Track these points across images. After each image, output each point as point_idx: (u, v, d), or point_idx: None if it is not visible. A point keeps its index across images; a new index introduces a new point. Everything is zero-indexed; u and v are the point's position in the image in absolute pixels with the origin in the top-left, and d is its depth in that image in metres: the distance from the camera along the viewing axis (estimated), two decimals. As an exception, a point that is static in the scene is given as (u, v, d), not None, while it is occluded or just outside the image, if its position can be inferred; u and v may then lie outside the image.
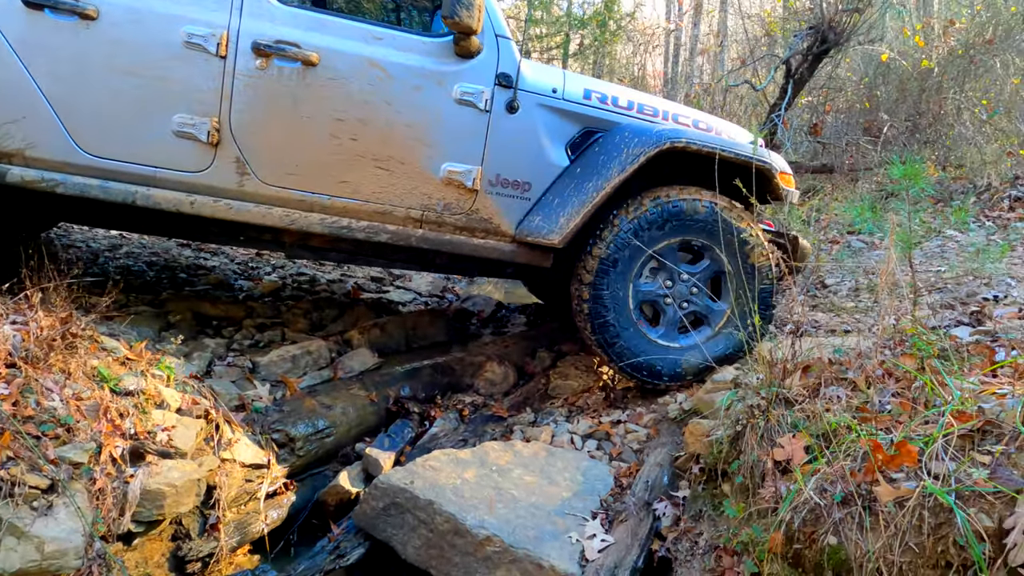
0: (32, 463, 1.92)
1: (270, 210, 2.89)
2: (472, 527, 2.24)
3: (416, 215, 3.02)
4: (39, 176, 2.65)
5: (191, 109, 2.73)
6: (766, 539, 1.67)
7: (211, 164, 2.79)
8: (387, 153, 2.92)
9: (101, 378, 2.40)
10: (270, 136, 2.82)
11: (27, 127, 2.60)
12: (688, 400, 3.14)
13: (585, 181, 2.99)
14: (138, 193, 2.75)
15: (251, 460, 2.68)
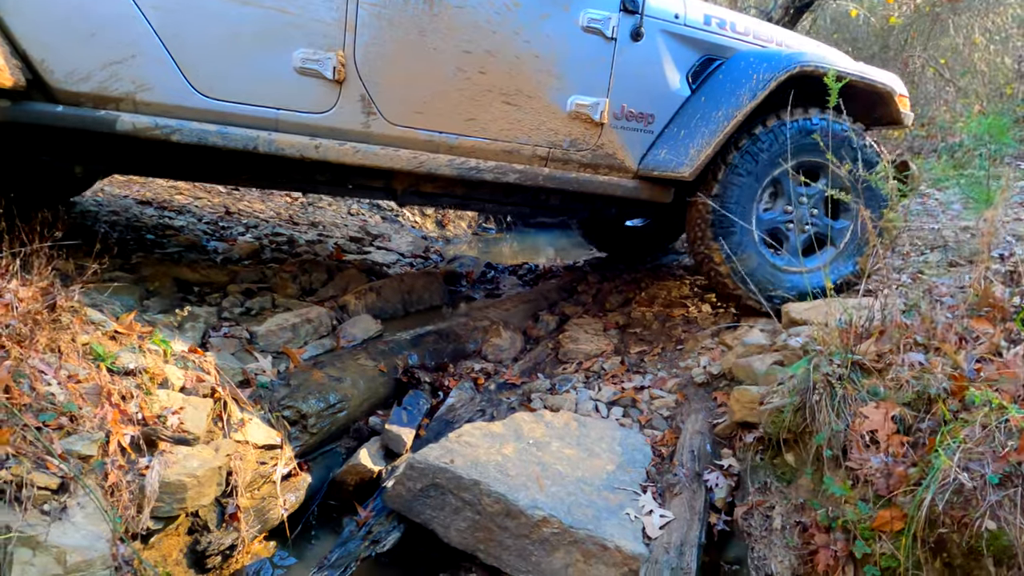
0: (38, 459, 1.64)
1: (397, 152, 2.70)
2: (526, 508, 2.09)
3: (542, 153, 2.88)
4: (152, 123, 2.37)
5: (314, 43, 2.49)
6: (871, 517, 1.59)
7: (335, 104, 2.57)
8: (515, 87, 2.77)
9: (95, 356, 2.11)
10: (396, 71, 2.62)
11: (137, 67, 2.30)
12: (713, 364, 3.05)
13: (713, 110, 2.88)
14: (260, 138, 2.50)
15: (263, 441, 2.44)
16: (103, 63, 2.27)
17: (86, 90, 2.28)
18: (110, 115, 2.33)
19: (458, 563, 2.35)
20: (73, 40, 2.23)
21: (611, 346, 3.54)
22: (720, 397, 2.82)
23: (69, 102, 2.30)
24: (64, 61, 2.24)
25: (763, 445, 2.23)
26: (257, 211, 5.17)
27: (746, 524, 1.99)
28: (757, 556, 1.88)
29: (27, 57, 2.20)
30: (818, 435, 1.87)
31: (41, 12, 2.20)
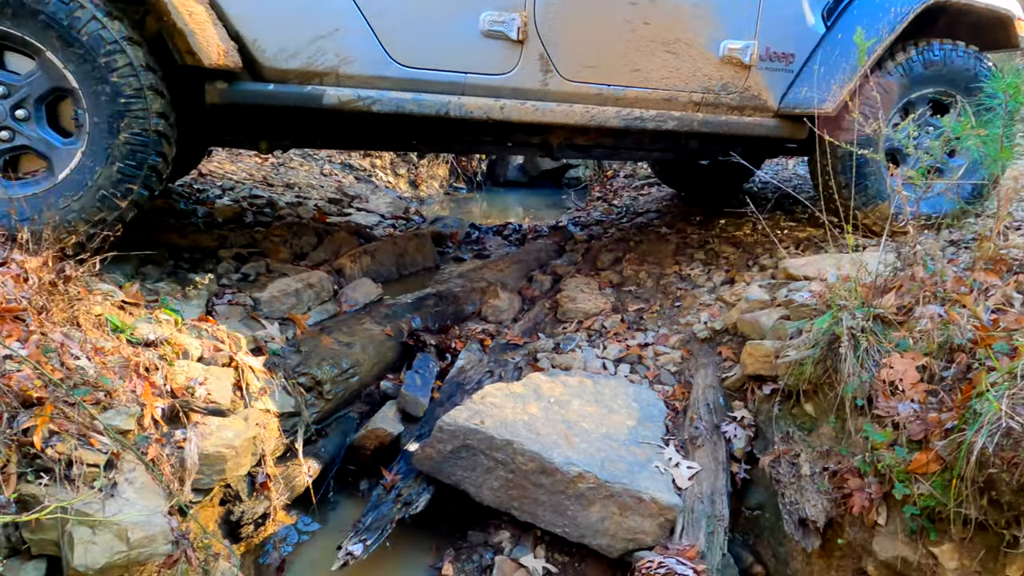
0: (81, 436, 1.58)
1: (571, 107, 2.77)
2: (561, 465, 2.13)
3: (697, 99, 2.96)
4: (355, 95, 2.43)
5: (499, 5, 2.53)
6: (907, 461, 1.68)
7: (517, 64, 2.63)
8: (675, 35, 2.83)
9: (114, 328, 2.03)
10: (570, 27, 2.66)
11: (340, 40, 2.35)
12: (714, 320, 3.14)
13: (853, 45, 2.89)
14: (451, 103, 2.57)
15: (283, 409, 2.41)
16: (310, 38, 2.32)
17: (294, 67, 2.34)
18: (316, 90, 2.39)
19: (487, 520, 2.40)
20: (284, 17, 2.29)
21: (609, 304, 3.59)
22: (725, 351, 2.91)
23: (277, 79, 2.36)
24: (275, 39, 2.30)
25: (780, 396, 2.32)
26: (228, 172, 4.97)
27: (774, 472, 2.08)
28: (789, 501, 1.98)
29: (240, 38, 2.25)
30: (846, 386, 1.95)
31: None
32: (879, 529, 1.75)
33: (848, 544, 1.85)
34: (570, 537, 2.14)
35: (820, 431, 2.15)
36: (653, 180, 6.18)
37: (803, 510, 1.92)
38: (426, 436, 2.62)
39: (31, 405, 1.56)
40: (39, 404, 1.53)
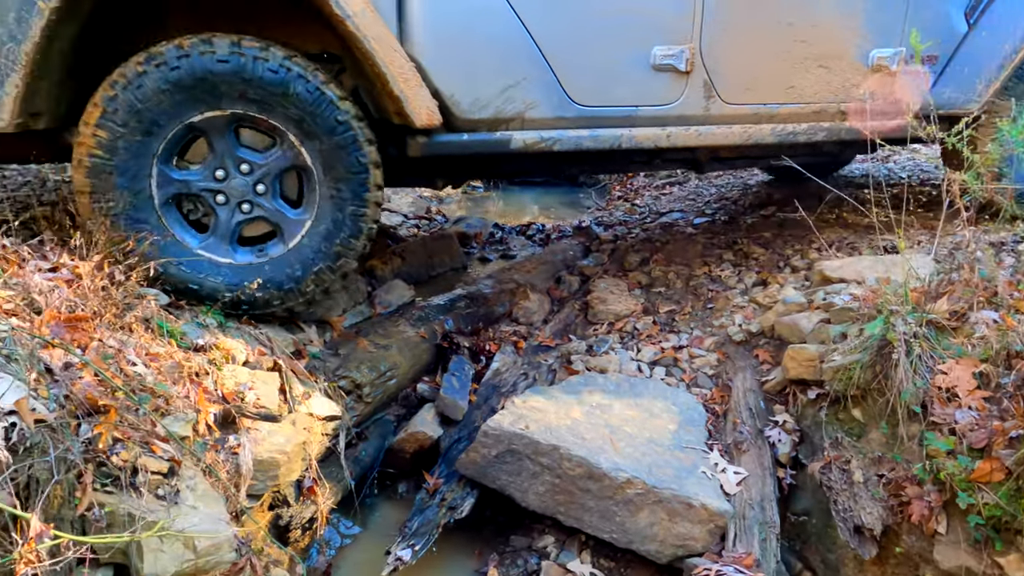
0: (143, 443, 1.58)
1: (731, 129, 2.87)
2: (608, 470, 2.13)
3: (845, 108, 3.01)
4: (538, 137, 2.58)
5: (668, 39, 2.64)
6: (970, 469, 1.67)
7: (683, 93, 2.75)
8: (828, 50, 2.90)
9: (163, 332, 2.03)
10: (731, 53, 2.77)
11: (527, 88, 2.50)
12: (749, 322, 3.12)
13: (999, 43, 2.97)
14: (623, 136, 2.71)
15: (325, 412, 2.41)
16: (500, 89, 2.47)
17: (485, 116, 2.49)
18: (505, 135, 2.55)
19: (529, 525, 2.40)
20: (479, 72, 2.45)
21: (640, 306, 3.57)
22: (762, 355, 2.89)
23: (469, 129, 2.52)
24: (470, 93, 2.45)
25: (826, 401, 2.30)
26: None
27: (824, 478, 2.07)
28: (842, 508, 1.97)
29: (439, 94, 2.39)
30: (902, 392, 1.94)
31: (454, 54, 2.39)
32: (940, 538, 1.74)
33: (905, 553, 1.84)
34: (618, 543, 2.14)
35: (869, 437, 2.13)
36: (674, 180, 6.15)
37: (858, 517, 1.90)
38: (465, 440, 2.62)
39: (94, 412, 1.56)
40: (103, 411, 1.52)
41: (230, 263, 2.38)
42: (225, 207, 2.35)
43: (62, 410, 1.32)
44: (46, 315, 1.51)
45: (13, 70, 1.96)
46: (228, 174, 2.32)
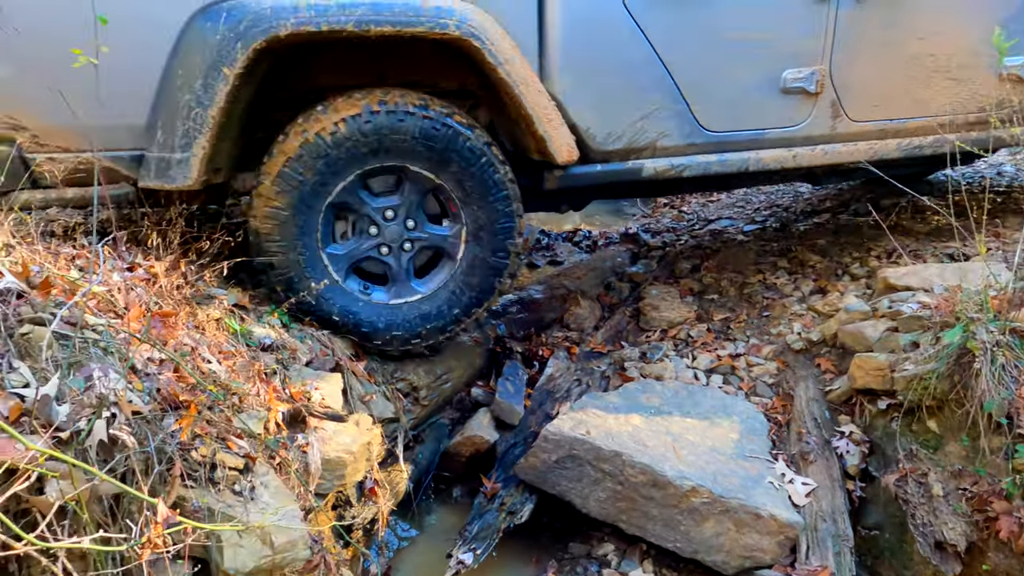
0: (219, 439, 1.60)
1: (856, 146, 2.88)
2: (673, 478, 2.09)
3: (972, 119, 3.00)
4: (669, 164, 2.62)
5: (799, 62, 2.67)
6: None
7: (810, 113, 2.77)
8: (958, 62, 2.88)
9: (232, 331, 2.06)
10: (861, 72, 2.79)
11: (659, 117, 2.54)
12: (808, 331, 3.04)
13: None
14: (750, 159, 2.74)
15: (385, 414, 2.42)
16: (634, 120, 2.52)
17: (618, 147, 2.54)
18: (636, 164, 2.59)
19: (587, 532, 2.36)
20: (614, 105, 2.50)
21: (693, 313, 3.52)
22: (824, 363, 2.82)
23: (602, 160, 2.56)
24: (604, 126, 2.51)
25: (898, 412, 2.23)
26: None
27: (900, 491, 1.99)
28: (921, 523, 1.89)
29: (575, 129, 2.44)
30: (986, 402, 1.86)
31: (591, 89, 2.44)
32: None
33: (992, 571, 1.76)
34: (682, 552, 2.09)
35: (947, 449, 2.05)
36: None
37: (939, 533, 1.83)
38: (521, 444, 2.61)
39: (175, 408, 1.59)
40: (184, 407, 1.55)
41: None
42: (391, 255, 2.46)
43: (155, 403, 1.34)
44: (133, 312, 1.55)
45: (201, 132, 2.05)
46: (379, 226, 2.41)
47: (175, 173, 2.07)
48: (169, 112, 2.06)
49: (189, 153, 2.06)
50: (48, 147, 2.07)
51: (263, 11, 1.97)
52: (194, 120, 2.04)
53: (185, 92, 2.02)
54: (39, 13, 1.96)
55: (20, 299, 1.16)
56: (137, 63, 2.03)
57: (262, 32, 1.96)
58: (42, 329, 1.15)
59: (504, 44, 2.18)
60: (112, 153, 2.11)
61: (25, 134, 2.04)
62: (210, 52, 1.98)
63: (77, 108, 1.98)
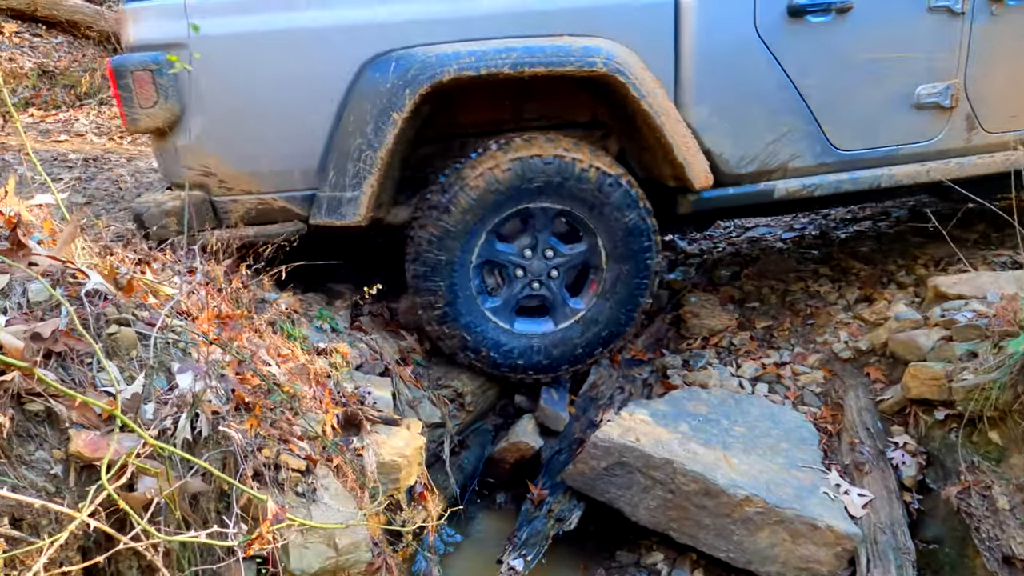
0: (281, 441, 1.62)
1: (991, 157, 2.85)
2: (726, 487, 2.06)
3: None
4: (800, 185, 2.65)
5: (932, 77, 2.66)
6: None
7: (945, 127, 2.75)
8: None
9: (288, 335, 2.09)
10: (995, 84, 2.77)
11: (791, 139, 2.58)
12: (856, 339, 2.99)
13: None
14: (882, 175, 2.75)
15: (430, 419, 2.43)
16: (766, 143, 2.56)
17: (750, 170, 2.58)
18: (768, 186, 2.63)
19: (636, 541, 2.35)
20: (747, 132, 2.55)
21: (734, 321, 3.48)
22: (874, 373, 2.77)
23: (733, 183, 2.61)
24: (737, 151, 2.56)
25: (957, 423, 2.18)
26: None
27: (963, 504, 1.95)
28: (986, 537, 1.85)
29: (709, 154, 2.50)
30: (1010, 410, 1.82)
31: (725, 115, 2.49)
32: (1106, 572, 1.61)
33: (1063, 587, 1.71)
34: (735, 563, 2.06)
35: (1010, 462, 2.00)
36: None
37: (1007, 547, 1.78)
38: (566, 451, 2.60)
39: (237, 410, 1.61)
40: (249, 408, 1.57)
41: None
42: (519, 280, 2.55)
43: (230, 404, 1.37)
44: (207, 314, 1.58)
45: (370, 172, 2.19)
46: (534, 254, 2.52)
47: (346, 210, 2.22)
48: (340, 155, 2.21)
49: (359, 191, 2.20)
50: (233, 191, 2.25)
51: (429, 59, 2.12)
52: (364, 161, 2.18)
53: (356, 136, 2.17)
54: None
55: (106, 301, 1.20)
56: (311, 112, 2.21)
57: (428, 79, 2.10)
58: (127, 330, 1.18)
59: (646, 78, 2.27)
60: (287, 194, 2.29)
61: (214, 180, 2.23)
62: (381, 99, 2.12)
63: (261, 156, 2.23)
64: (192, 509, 1.15)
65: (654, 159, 2.53)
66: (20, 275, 1.15)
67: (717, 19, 2.40)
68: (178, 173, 2.22)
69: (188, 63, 2.06)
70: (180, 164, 2.19)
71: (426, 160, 2.50)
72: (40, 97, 5.66)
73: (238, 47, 2.13)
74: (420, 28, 2.19)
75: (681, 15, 2.36)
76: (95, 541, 1.01)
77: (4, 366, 0.98)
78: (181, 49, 2.07)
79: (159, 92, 2.08)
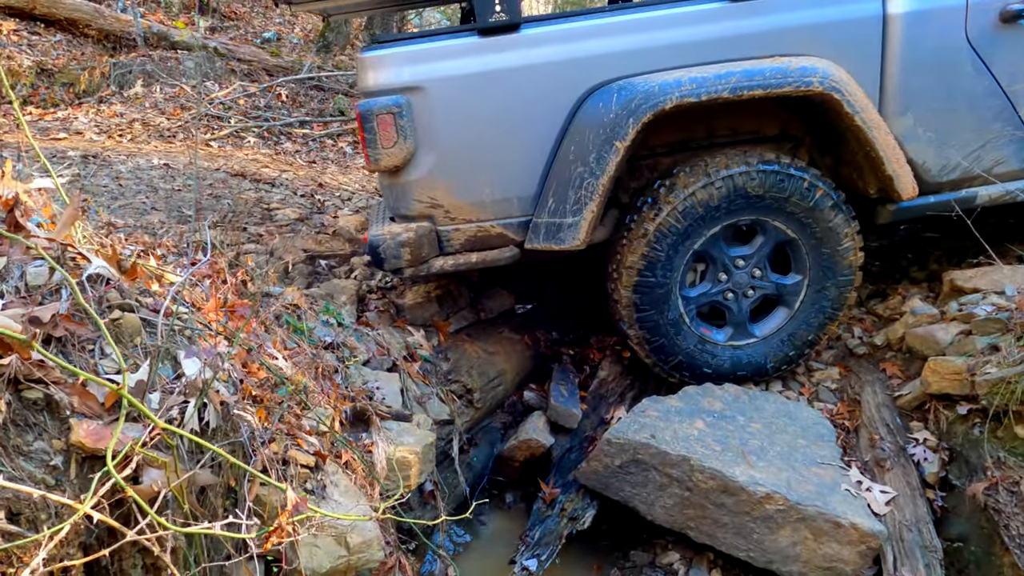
0: (288, 436, 1.56)
1: None
2: (746, 484, 2.00)
3: None
4: (1003, 190, 2.60)
5: None
6: None
7: None
8: None
9: (295, 329, 2.03)
10: None
11: (996, 146, 2.54)
12: (869, 335, 2.94)
13: None
14: None
15: (438, 416, 2.37)
16: (970, 151, 2.53)
17: (952, 178, 2.56)
18: (969, 193, 2.58)
19: (650, 540, 2.29)
20: (952, 140, 2.50)
21: (745, 318, 3.42)
22: (890, 368, 2.71)
23: (933, 192, 2.58)
24: (940, 160, 2.53)
25: (981, 418, 2.12)
26: (342, 183, 5.06)
27: (991, 500, 1.89)
28: (1016, 534, 1.79)
29: (913, 164, 2.47)
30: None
31: (931, 125, 2.48)
32: None
33: (1099, 585, 1.65)
34: (755, 563, 2.00)
35: (1039, 457, 1.94)
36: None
37: (1038, 544, 1.72)
38: (577, 449, 2.54)
39: (244, 403, 1.55)
40: (257, 402, 1.51)
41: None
42: (734, 300, 2.55)
43: (239, 395, 1.31)
44: (212, 303, 1.52)
45: (591, 199, 2.24)
46: (729, 273, 2.51)
47: (565, 235, 2.29)
48: (560, 183, 2.30)
49: (580, 217, 2.25)
50: (456, 220, 2.37)
51: (652, 88, 2.15)
52: (585, 189, 2.24)
53: (577, 165, 2.25)
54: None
55: (108, 285, 1.14)
56: (532, 143, 2.33)
57: (651, 107, 2.14)
58: (131, 316, 1.12)
59: (858, 94, 2.28)
60: (504, 221, 2.39)
61: (440, 211, 2.35)
62: (604, 128, 2.19)
63: (483, 186, 2.34)
64: (200, 503, 1.09)
65: (858, 172, 2.52)
66: (18, 258, 1.09)
67: (926, 29, 2.39)
68: (407, 206, 2.34)
69: (424, 105, 2.23)
70: (411, 198, 2.32)
71: (617, 182, 2.47)
72: (38, 95, 5.61)
73: (466, 87, 2.26)
74: (636, 59, 2.28)
75: (888, 28, 2.37)
76: (97, 537, 0.95)
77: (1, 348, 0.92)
78: (419, 92, 2.23)
79: (399, 133, 2.22)
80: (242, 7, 8.73)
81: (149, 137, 5.19)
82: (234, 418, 1.21)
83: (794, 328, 2.58)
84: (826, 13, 2.35)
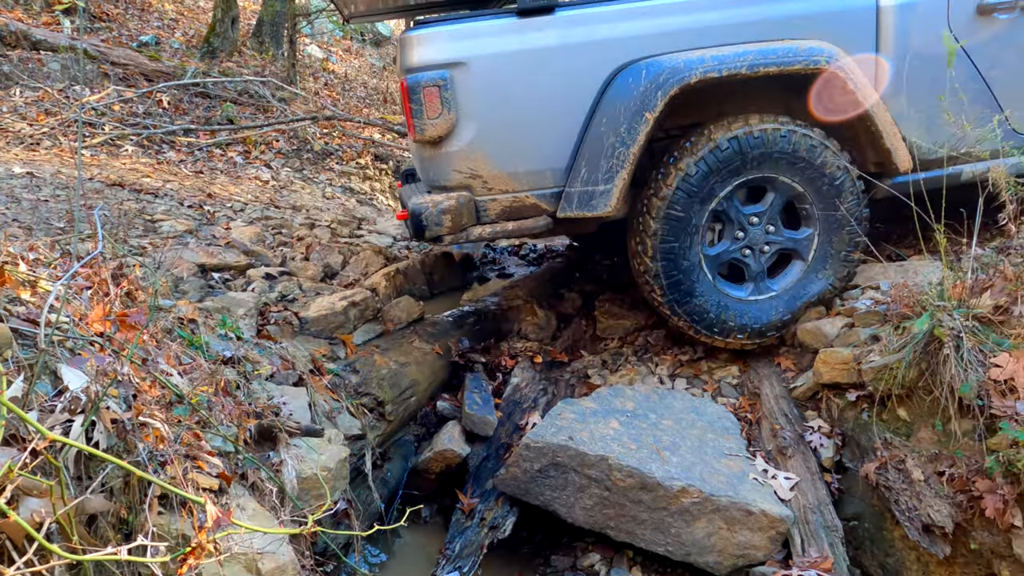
0: (187, 457, 1.43)
1: None
2: (662, 480, 2.04)
3: None
4: (985, 167, 2.60)
5: None
6: (1045, 458, 1.65)
7: None
8: None
9: (188, 343, 1.87)
10: None
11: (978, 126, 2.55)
12: (765, 332, 3.10)
13: None
14: None
15: (351, 431, 2.27)
16: (952, 132, 2.58)
17: (939, 156, 2.65)
18: (956, 169, 2.74)
19: (570, 543, 2.28)
20: (939, 122, 2.61)
21: (650, 320, 3.53)
22: (784, 362, 2.87)
23: (923, 168, 2.72)
24: (929, 139, 2.69)
25: (868, 403, 2.28)
26: (233, 194, 4.79)
27: (882, 479, 2.02)
28: (906, 508, 1.92)
29: (906, 142, 2.64)
30: (962, 386, 1.92)
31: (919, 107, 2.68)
32: (1017, 531, 1.71)
33: (978, 549, 1.80)
34: (673, 556, 2.04)
35: (919, 435, 2.11)
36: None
37: (925, 516, 1.86)
38: (494, 457, 2.51)
39: (135, 424, 1.40)
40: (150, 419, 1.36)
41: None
42: (752, 256, 2.68)
43: (131, 412, 1.17)
44: (96, 312, 1.36)
45: (622, 167, 2.41)
46: (745, 231, 2.64)
47: (598, 202, 2.46)
48: (592, 153, 2.47)
49: (612, 184, 2.43)
50: (493, 190, 2.53)
51: (677, 64, 2.37)
52: (617, 157, 2.42)
53: (610, 136, 2.42)
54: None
55: (-30, 291, 0.98)
56: (566, 117, 2.49)
57: (678, 81, 2.35)
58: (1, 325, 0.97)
59: (859, 73, 2.49)
60: (538, 191, 2.55)
61: (479, 181, 2.50)
62: (634, 101, 2.38)
63: (519, 157, 2.51)
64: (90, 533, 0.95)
65: (858, 148, 2.72)
66: None
67: (913, 19, 2.63)
68: (447, 177, 2.48)
69: (467, 79, 2.39)
70: (452, 168, 2.47)
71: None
72: None
73: (505, 63, 2.44)
74: (661, 40, 2.47)
75: (881, 17, 2.61)
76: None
77: None
78: (461, 67, 2.40)
79: (443, 104, 2.38)
80: (115, 8, 8.14)
81: (8, 144, 4.70)
82: (128, 438, 1.08)
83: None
84: (828, 3, 2.60)
